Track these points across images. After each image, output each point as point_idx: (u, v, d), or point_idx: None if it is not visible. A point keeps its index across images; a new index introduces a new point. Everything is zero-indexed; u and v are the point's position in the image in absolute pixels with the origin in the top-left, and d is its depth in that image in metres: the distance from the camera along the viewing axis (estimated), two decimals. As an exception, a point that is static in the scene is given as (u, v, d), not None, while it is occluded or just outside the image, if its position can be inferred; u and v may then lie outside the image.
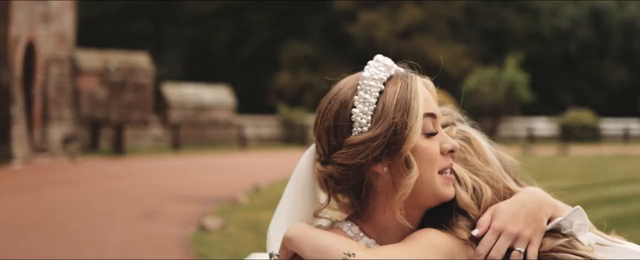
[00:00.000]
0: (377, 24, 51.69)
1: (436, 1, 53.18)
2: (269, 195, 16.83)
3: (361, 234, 2.04)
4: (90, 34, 45.85)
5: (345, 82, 2.06)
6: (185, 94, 39.00)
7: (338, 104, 2.00)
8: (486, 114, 42.46)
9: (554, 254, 1.86)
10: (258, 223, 12.52)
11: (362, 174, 1.98)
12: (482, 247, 1.88)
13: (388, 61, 2.08)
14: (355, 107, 1.98)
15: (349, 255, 1.87)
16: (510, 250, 1.86)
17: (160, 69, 43.49)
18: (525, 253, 1.86)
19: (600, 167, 23.79)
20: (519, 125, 44.37)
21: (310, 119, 40.56)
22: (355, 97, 1.99)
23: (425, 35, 52.78)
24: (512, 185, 2.05)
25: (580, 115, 46.66)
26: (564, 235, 1.91)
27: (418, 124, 1.96)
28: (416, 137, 1.95)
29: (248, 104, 45.07)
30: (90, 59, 34.85)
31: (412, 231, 2.02)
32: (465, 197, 1.98)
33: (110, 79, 35.21)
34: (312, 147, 2.11)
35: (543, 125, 45.83)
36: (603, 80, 59.60)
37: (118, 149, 31.62)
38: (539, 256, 1.86)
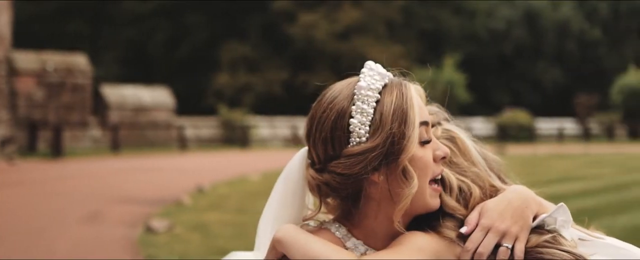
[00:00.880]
0: (316, 25, 51.83)
1: (374, 2, 53.51)
2: (213, 196, 16.84)
3: (349, 235, 2.07)
4: (24, 34, 45.15)
5: (339, 91, 2.06)
6: (124, 95, 38.66)
7: (335, 114, 2.01)
8: (425, 114, 42.94)
9: (539, 249, 1.96)
10: (205, 224, 12.53)
11: (359, 183, 2.00)
12: (471, 244, 1.97)
13: (380, 69, 2.08)
14: (353, 117, 1.99)
15: None
16: (497, 246, 1.95)
17: (97, 69, 43.02)
18: (512, 249, 1.95)
19: (537, 166, 24.22)
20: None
21: (250, 120, 40.55)
22: (353, 107, 2.00)
23: (364, 35, 53.10)
24: (497, 183, 2.15)
25: (516, 115, 47.33)
26: (549, 232, 2.03)
27: (415, 134, 1.99)
28: (414, 147, 1.98)
29: (187, 104, 44.84)
30: (27, 59, 34.34)
31: (399, 234, 2.06)
32: (450, 202, 2.06)
33: (47, 80, 34.73)
34: (302, 150, 2.13)
35: (480, 125, 46.43)
36: (538, 80, 60.57)
37: (56, 150, 31.21)
38: (525, 252, 1.96)
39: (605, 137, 47.29)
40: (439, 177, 2.08)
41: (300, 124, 42.30)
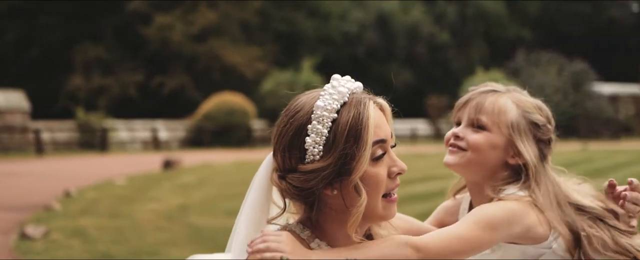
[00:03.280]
0: (172, 26, 51.44)
1: (230, 4, 53.52)
2: (82, 201, 16.64)
3: (313, 237, 2.18)
4: None
5: (302, 105, 2.14)
6: (-24, 98, 37.39)
7: (293, 130, 2.11)
8: (283, 116, 43.37)
9: None
10: (81, 229, 12.46)
11: (314, 195, 2.11)
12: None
13: (343, 87, 2.13)
14: (308, 135, 2.08)
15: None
16: None
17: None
18: None
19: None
20: (314, 127, 45.66)
21: (108, 123, 39.92)
22: (309, 125, 2.08)
23: (220, 37, 53.05)
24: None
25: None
26: None
27: (366, 154, 2.07)
28: (364, 168, 2.07)
29: (40, 107, 43.62)
30: None
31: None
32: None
33: None
34: (271, 154, 2.21)
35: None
36: (390, 82, 61.92)
37: None
38: None
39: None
40: (395, 190, 2.17)
41: (160, 127, 42.01)
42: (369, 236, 2.28)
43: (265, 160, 2.23)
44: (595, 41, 68.42)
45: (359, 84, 2.19)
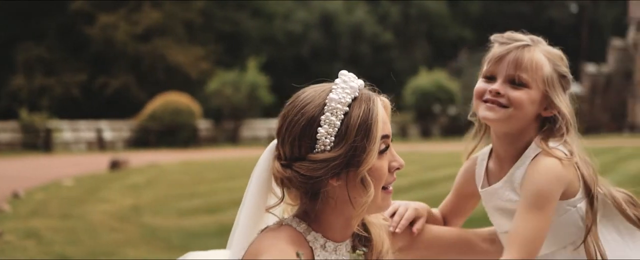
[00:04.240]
0: (115, 26, 51.03)
1: (174, 4, 53.28)
2: (31, 202, 16.52)
3: (309, 229, 2.29)
4: None
5: (312, 97, 2.26)
6: None
7: (305, 121, 2.22)
8: (229, 116, 43.32)
9: None
10: (34, 231, 12.43)
11: (319, 184, 2.21)
12: None
13: (352, 82, 2.27)
14: (321, 126, 2.20)
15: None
16: None
17: None
18: None
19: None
20: (260, 126, 45.65)
21: (52, 124, 39.49)
22: (322, 117, 2.20)
23: (164, 37, 52.74)
24: None
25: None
26: None
27: (376, 148, 2.21)
28: (373, 161, 2.21)
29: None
30: None
31: (355, 229, 2.34)
32: None
33: None
34: (271, 145, 2.33)
35: (283, 126, 47.21)
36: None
37: None
38: None
39: (399, 137, 49.37)
40: (391, 183, 2.31)
41: (105, 127, 41.67)
42: (363, 225, 2.43)
43: (265, 151, 2.33)
44: (535, 41, 69.26)
45: (362, 81, 2.33)
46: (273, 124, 47.67)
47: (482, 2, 69.60)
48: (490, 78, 2.76)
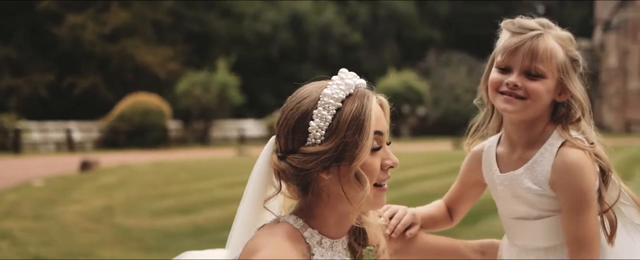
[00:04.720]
0: (84, 26, 50.73)
1: (142, 4, 53.05)
2: (3, 203, 16.21)
3: (306, 226, 2.33)
4: None
5: (310, 92, 2.30)
6: None
7: (299, 114, 2.26)
8: (198, 116, 43.28)
9: None
10: (7, 232, 12.35)
11: (309, 177, 2.27)
12: None
13: (350, 79, 2.31)
14: (312, 120, 2.24)
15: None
16: None
17: None
18: None
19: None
20: (230, 127, 45.63)
21: (20, 124, 39.22)
22: (315, 111, 2.25)
23: (132, 37, 52.53)
24: None
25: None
26: None
27: (368, 144, 2.23)
28: (366, 156, 2.24)
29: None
30: None
31: (349, 223, 2.37)
32: None
33: None
34: (273, 138, 2.38)
35: (252, 127, 47.32)
36: (303, 82, 61.98)
37: None
38: None
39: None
40: (385, 181, 2.35)
41: (74, 128, 41.45)
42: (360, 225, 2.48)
43: (267, 144, 2.39)
44: (503, 42, 69.63)
45: (363, 81, 2.35)
46: (243, 124, 47.84)
47: (450, 3, 69.96)
48: (505, 69, 2.78)
